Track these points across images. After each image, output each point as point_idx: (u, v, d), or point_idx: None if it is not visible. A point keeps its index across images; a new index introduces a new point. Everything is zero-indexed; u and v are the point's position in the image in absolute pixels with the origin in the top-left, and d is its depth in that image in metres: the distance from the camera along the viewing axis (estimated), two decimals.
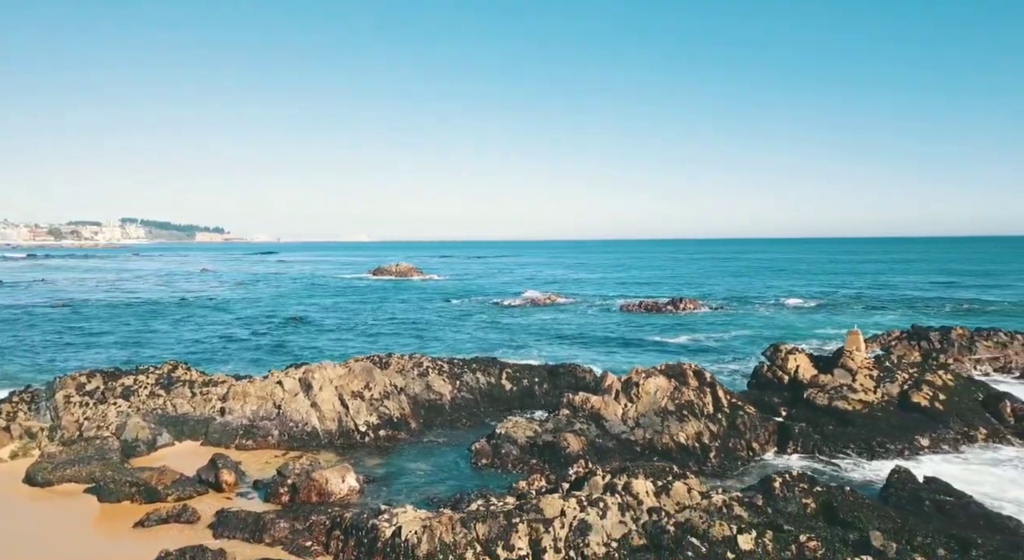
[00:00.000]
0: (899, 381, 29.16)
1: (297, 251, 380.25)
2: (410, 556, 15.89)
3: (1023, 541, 15.98)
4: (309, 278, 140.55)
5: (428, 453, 25.43)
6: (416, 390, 30.31)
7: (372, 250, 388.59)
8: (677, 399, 25.93)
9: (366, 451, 25.57)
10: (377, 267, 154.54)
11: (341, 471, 21.11)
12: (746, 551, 15.45)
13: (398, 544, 16.26)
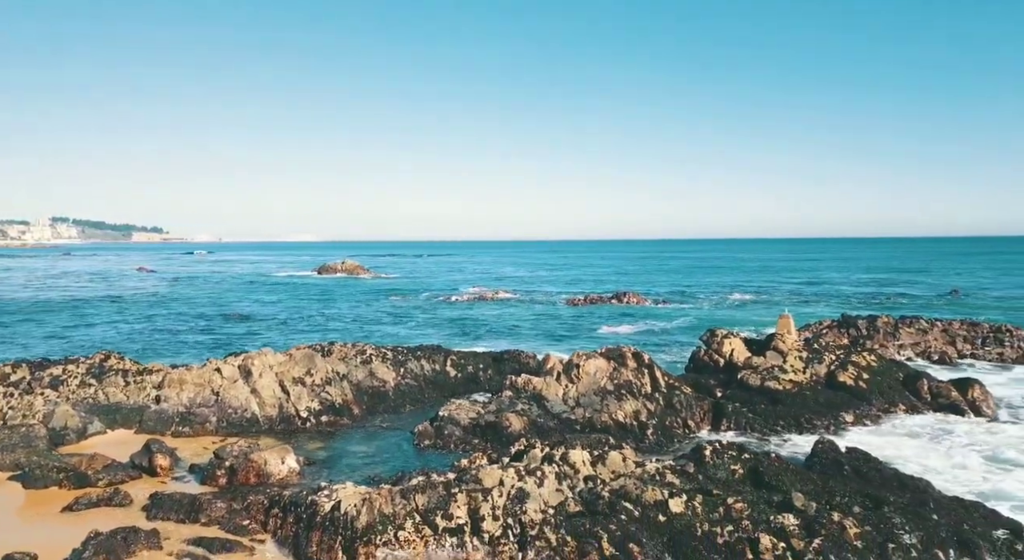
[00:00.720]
0: (826, 362, 30.55)
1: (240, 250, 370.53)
2: (349, 528, 15.93)
3: (929, 498, 17.07)
4: (252, 276, 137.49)
5: (371, 437, 25.41)
6: (359, 377, 30.17)
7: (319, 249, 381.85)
8: (616, 379, 26.59)
9: (307, 436, 25.38)
10: (323, 265, 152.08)
11: (281, 453, 20.93)
12: (677, 514, 16.08)
13: (337, 517, 16.28)
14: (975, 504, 16.96)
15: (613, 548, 15.05)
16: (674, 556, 15.19)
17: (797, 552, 14.64)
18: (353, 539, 15.70)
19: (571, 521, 15.89)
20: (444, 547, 15.46)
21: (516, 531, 15.73)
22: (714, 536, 15.35)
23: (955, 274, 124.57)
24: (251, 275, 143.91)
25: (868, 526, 15.34)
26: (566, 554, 15.10)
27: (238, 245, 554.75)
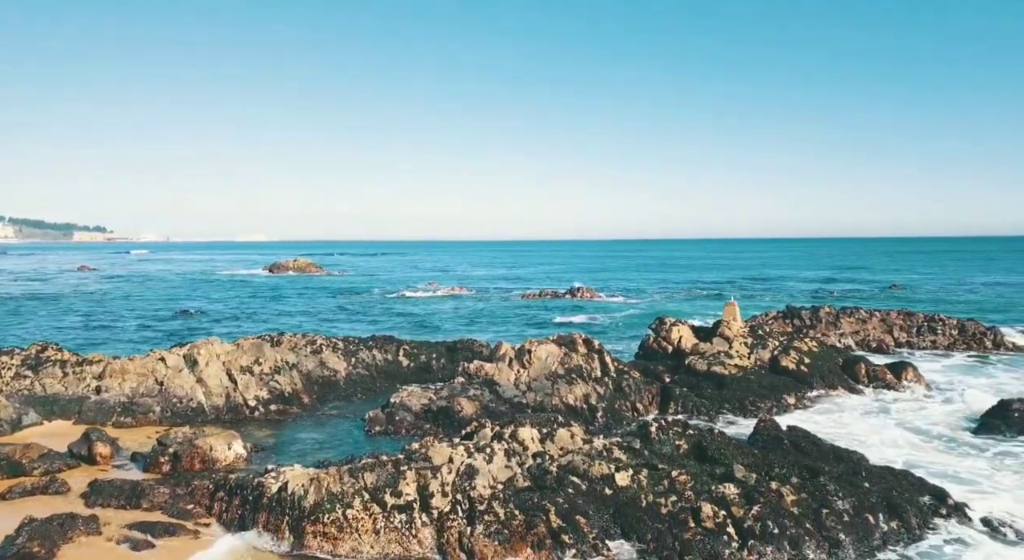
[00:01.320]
0: (770, 348, 31.51)
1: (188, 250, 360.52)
2: (296, 508, 15.80)
3: (862, 468, 17.83)
4: (199, 274, 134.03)
5: (321, 424, 25.16)
6: (309, 367, 29.82)
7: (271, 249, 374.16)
8: (567, 364, 26.94)
9: (256, 425, 24.99)
10: (274, 263, 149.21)
11: (227, 438, 20.58)
12: (623, 487, 16.44)
13: (284, 498, 16.13)
14: (904, 473, 17.80)
15: (560, 520, 15.30)
16: (620, 527, 15.53)
17: (737, 519, 15.14)
18: (300, 518, 15.58)
19: (520, 496, 16.09)
20: (393, 524, 15.47)
21: (465, 507, 15.83)
22: (658, 507, 15.74)
23: (894, 271, 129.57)
24: (198, 273, 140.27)
25: (804, 494, 15.96)
26: (514, 528, 15.27)
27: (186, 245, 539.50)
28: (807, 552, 14.59)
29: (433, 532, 15.52)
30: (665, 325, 33.88)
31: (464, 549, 15.09)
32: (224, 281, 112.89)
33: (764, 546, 14.59)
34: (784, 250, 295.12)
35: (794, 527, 14.94)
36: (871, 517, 15.49)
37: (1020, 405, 24.50)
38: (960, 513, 16.42)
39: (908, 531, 15.51)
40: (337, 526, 15.35)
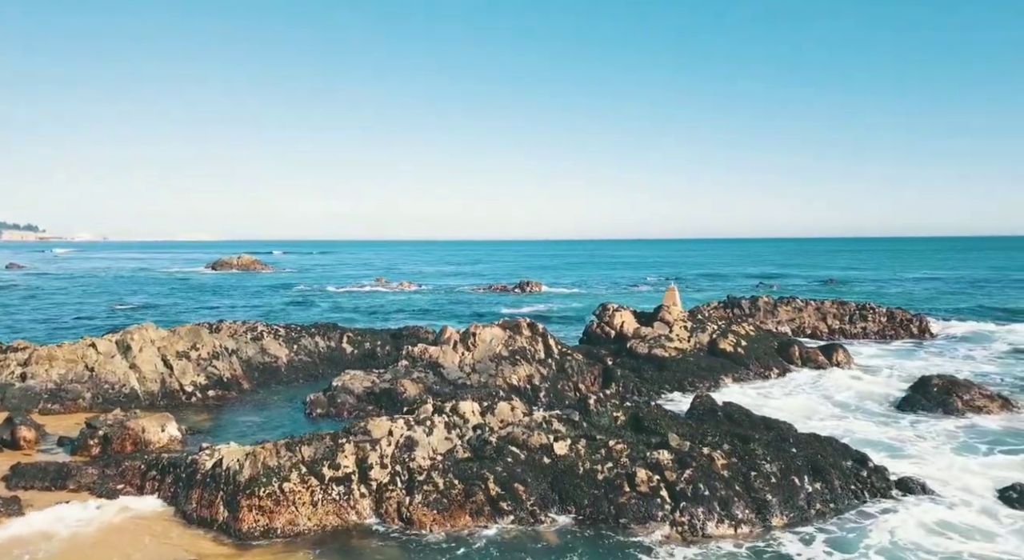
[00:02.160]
0: (709, 331, 32.38)
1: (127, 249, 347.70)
2: (231, 483, 15.55)
3: (790, 435, 18.53)
4: (139, 272, 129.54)
5: (261, 408, 24.73)
6: (249, 353, 29.26)
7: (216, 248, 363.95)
8: (511, 346, 27.15)
9: (193, 410, 24.40)
10: (217, 260, 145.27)
11: (161, 420, 20.06)
12: (561, 455, 16.71)
13: (219, 474, 15.85)
14: (829, 439, 18.59)
15: (499, 488, 15.47)
16: (557, 493, 15.79)
17: (670, 483, 15.58)
18: (235, 493, 15.33)
19: (459, 466, 16.19)
20: (331, 496, 15.38)
21: (404, 477, 15.86)
22: (595, 473, 16.07)
23: (834, 267, 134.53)
24: (136, 271, 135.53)
25: (734, 458, 16.52)
26: (453, 496, 15.38)
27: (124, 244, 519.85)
28: (736, 512, 15.13)
29: (372, 502, 15.51)
30: (608, 311, 34.46)
31: (403, 518, 15.13)
32: (164, 278, 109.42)
33: (695, 507, 15.07)
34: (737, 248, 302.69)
35: (724, 489, 15.47)
36: (797, 479, 16.14)
37: (939, 381, 25.82)
38: (879, 475, 17.25)
39: (831, 492, 16.21)
40: (273, 499, 15.16)
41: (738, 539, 14.47)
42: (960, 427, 22.27)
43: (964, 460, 19.11)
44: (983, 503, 16.14)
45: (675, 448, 16.91)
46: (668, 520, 14.94)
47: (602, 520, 15.11)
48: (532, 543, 14.27)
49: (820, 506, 15.82)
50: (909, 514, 15.43)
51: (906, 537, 14.33)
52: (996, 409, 23.89)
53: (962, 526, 14.87)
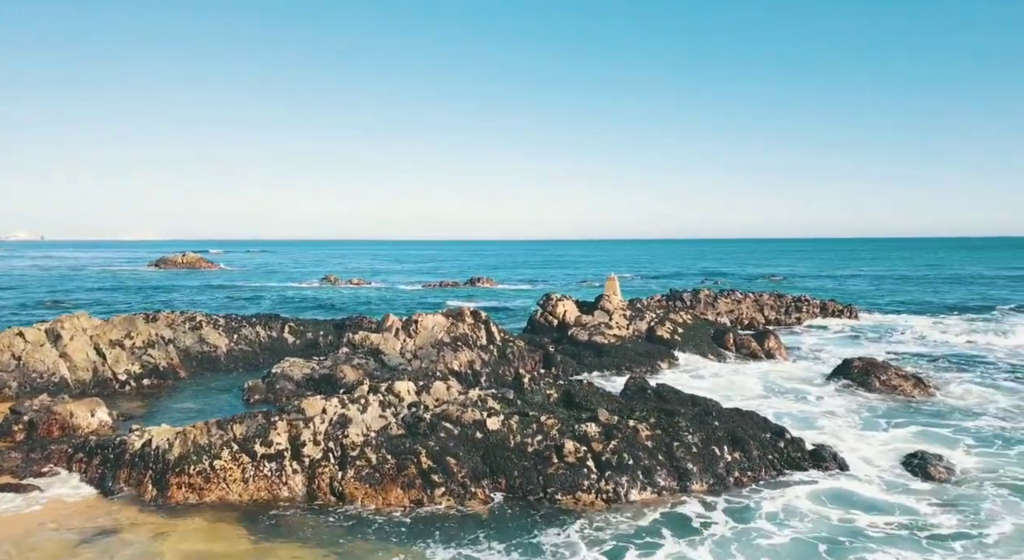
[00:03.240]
0: (647, 319, 33.32)
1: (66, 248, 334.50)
2: (160, 461, 15.50)
3: (713, 410, 19.35)
4: (79, 270, 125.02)
5: (198, 395, 24.47)
6: (187, 343, 28.84)
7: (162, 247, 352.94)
8: (453, 333, 27.48)
9: (126, 397, 23.99)
10: (160, 258, 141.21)
11: (90, 405, 19.73)
12: (493, 430, 17.12)
13: (148, 453, 15.78)
14: (750, 413, 19.48)
15: (431, 462, 15.80)
16: (489, 466, 16.19)
17: (596, 453, 16.16)
18: (164, 470, 15.30)
19: (392, 442, 16.45)
20: (262, 472, 15.47)
21: (337, 454, 16.05)
22: (525, 446, 16.54)
23: (780, 265, 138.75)
24: (76, 269, 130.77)
25: (659, 431, 17.21)
26: (385, 470, 15.64)
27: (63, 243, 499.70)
28: (658, 480, 15.80)
29: (304, 478, 15.65)
30: (551, 301, 35.10)
31: (335, 493, 15.32)
32: (104, 276, 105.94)
33: (620, 476, 15.68)
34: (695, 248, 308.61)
35: (648, 458, 16.13)
36: (717, 449, 16.92)
37: (859, 363, 27.21)
38: (795, 446, 18.18)
39: (749, 460, 17.04)
40: (203, 476, 15.18)
41: (660, 505, 15.11)
42: (875, 404, 23.56)
43: (876, 433, 20.28)
44: (889, 470, 17.21)
45: (603, 422, 17.51)
46: (594, 489, 15.50)
47: (531, 491, 15.58)
48: (462, 515, 14.63)
49: (738, 474, 16.62)
50: (819, 481, 16.36)
51: (809, 502, 15.23)
52: (910, 388, 25.31)
53: (865, 492, 15.86)
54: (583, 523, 14.15)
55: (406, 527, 14.01)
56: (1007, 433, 20.02)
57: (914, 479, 16.68)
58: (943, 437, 19.75)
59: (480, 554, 12.76)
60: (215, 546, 13.11)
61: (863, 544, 13.08)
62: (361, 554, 12.78)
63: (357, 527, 14.00)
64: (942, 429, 20.49)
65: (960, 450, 18.71)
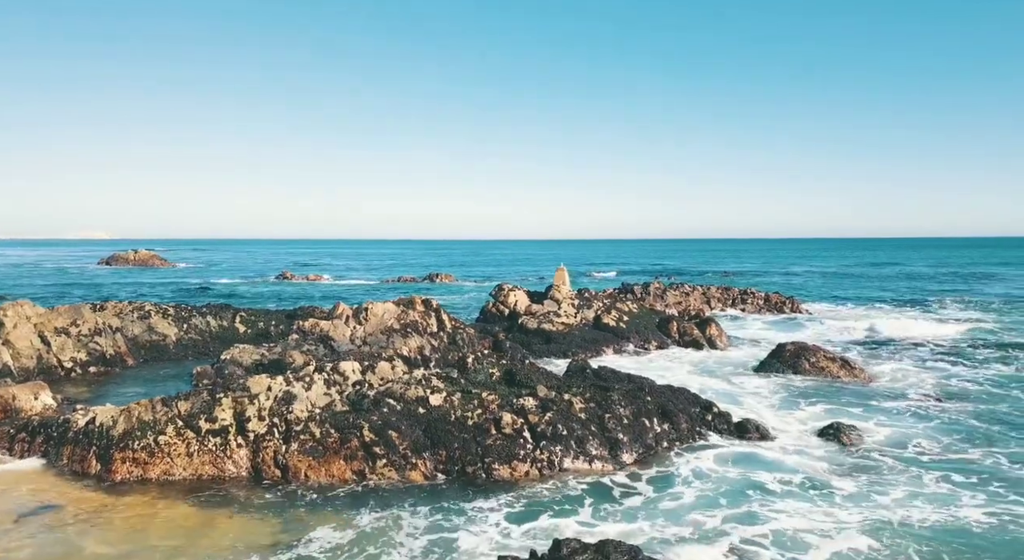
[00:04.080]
0: (595, 308, 34.36)
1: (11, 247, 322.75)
2: (104, 438, 15.78)
3: (647, 387, 20.38)
4: (26, 267, 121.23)
5: (146, 382, 24.55)
6: (136, 331, 28.79)
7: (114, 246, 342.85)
8: (403, 320, 28.05)
9: (72, 383, 23.96)
10: (112, 255, 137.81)
11: (33, 389, 19.76)
12: (436, 406, 17.79)
13: (92, 430, 16.04)
14: (681, 389, 20.57)
15: (373, 435, 16.40)
16: (430, 439, 16.86)
17: (532, 425, 16.97)
18: (108, 447, 15.59)
19: (336, 417, 16.99)
20: (207, 447, 15.87)
21: (282, 429, 16.52)
22: (466, 420, 17.25)
23: (732, 262, 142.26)
24: (19, 266, 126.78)
25: (592, 404, 18.12)
26: (329, 444, 16.18)
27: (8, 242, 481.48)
28: (590, 449, 16.69)
29: (248, 453, 16.09)
30: (503, 291, 35.88)
31: (279, 466, 15.81)
32: (50, 273, 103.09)
33: (554, 446, 16.52)
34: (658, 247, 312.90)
35: (581, 429, 17.01)
36: (647, 421, 17.91)
37: (792, 346, 28.64)
38: (722, 419, 19.31)
39: (677, 431, 18.07)
40: (148, 452, 15.53)
41: (589, 473, 15.99)
42: (801, 385, 24.94)
43: (797, 411, 21.55)
44: (804, 440, 18.44)
45: (541, 397, 18.33)
46: (529, 458, 16.31)
47: (469, 461, 16.30)
48: (402, 485, 15.28)
49: (667, 443, 17.64)
50: (740, 448, 17.47)
51: (723, 466, 16.32)
52: (836, 369, 26.79)
53: (777, 456, 17.02)
54: (511, 488, 14.95)
55: (346, 496, 14.61)
56: (922, 411, 21.37)
57: (826, 446, 17.93)
58: (860, 414, 21.07)
59: (408, 518, 13.42)
60: (159, 518, 13.50)
61: (762, 497, 14.15)
62: (300, 522, 13.33)
63: (299, 498, 14.54)
64: (860, 407, 21.82)
65: (874, 423, 20.04)
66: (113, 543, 12.26)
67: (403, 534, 12.67)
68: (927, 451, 17.45)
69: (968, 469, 15.99)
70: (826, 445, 17.96)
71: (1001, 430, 19.21)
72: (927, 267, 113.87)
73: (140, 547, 12.11)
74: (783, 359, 28.03)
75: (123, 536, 12.57)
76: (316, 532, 12.69)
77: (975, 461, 16.61)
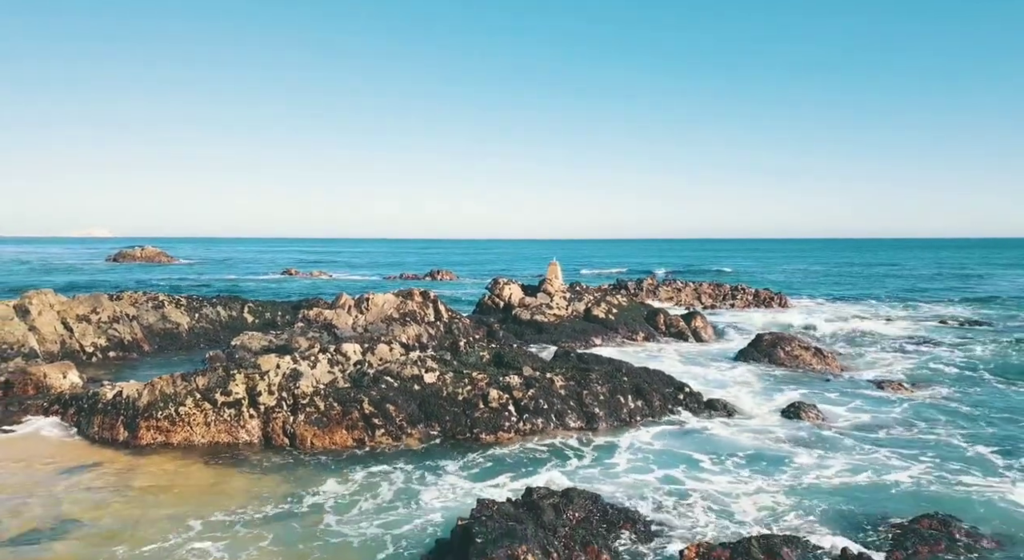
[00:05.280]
0: (585, 301, 36.07)
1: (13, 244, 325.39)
2: (131, 408, 17.54)
3: (624, 368, 22.06)
4: (30, 264, 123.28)
5: (162, 366, 26.29)
6: (151, 320, 30.57)
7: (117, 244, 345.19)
8: (402, 309, 29.80)
9: (94, 367, 25.72)
10: (118, 252, 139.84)
11: (62, 368, 21.55)
12: (430, 383, 19.55)
13: (119, 402, 17.80)
14: (656, 372, 22.26)
15: (373, 408, 18.15)
16: (424, 412, 18.61)
17: (517, 400, 18.71)
18: (135, 416, 17.35)
19: (339, 392, 18.74)
20: (223, 417, 17.62)
21: (289, 402, 18.27)
22: (456, 395, 19.00)
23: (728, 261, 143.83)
24: (26, 262, 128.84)
25: (572, 382, 19.84)
26: (332, 415, 17.93)
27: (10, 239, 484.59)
28: (569, 422, 18.43)
29: (260, 423, 17.85)
30: (498, 284, 37.61)
31: (287, 434, 17.56)
32: (61, 268, 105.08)
33: (535, 418, 18.26)
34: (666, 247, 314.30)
35: (560, 404, 18.74)
36: (622, 398, 19.62)
37: (769, 337, 30.31)
38: (693, 397, 21.00)
39: (650, 407, 19.78)
40: (170, 420, 17.29)
41: (567, 442, 17.69)
42: (774, 372, 26.61)
43: (770, 392, 23.21)
44: (768, 418, 20.10)
45: (526, 376, 20.06)
46: (513, 428, 18.05)
47: (459, 431, 18.04)
48: (398, 455, 17.01)
49: (640, 418, 19.36)
50: (705, 423, 19.17)
51: (687, 436, 18.03)
52: (809, 357, 28.45)
53: (739, 430, 18.72)
54: (494, 452, 16.69)
55: (347, 458, 16.36)
56: (889, 397, 22.66)
57: (786, 423, 19.58)
58: (827, 398, 22.57)
59: (390, 472, 15.22)
60: (181, 474, 15.26)
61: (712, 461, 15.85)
62: (305, 479, 15.05)
63: (304, 460, 16.28)
64: (834, 393, 23.19)
65: (839, 407, 21.50)
66: (143, 493, 14.01)
67: (395, 486, 14.41)
68: (885, 430, 18.92)
69: (915, 444, 17.56)
70: (786, 423, 19.62)
71: (963, 415, 20.57)
72: (920, 266, 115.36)
73: (166, 496, 13.86)
74: (760, 349, 29.67)
75: (151, 488, 14.33)
76: (321, 486, 14.44)
77: (926, 439, 18.14)
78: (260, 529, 12.32)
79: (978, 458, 16.36)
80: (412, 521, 12.68)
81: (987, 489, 14.31)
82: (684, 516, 13.01)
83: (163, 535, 12.01)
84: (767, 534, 11.44)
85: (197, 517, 12.72)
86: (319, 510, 13.25)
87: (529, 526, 10.87)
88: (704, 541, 11.31)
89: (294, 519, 12.83)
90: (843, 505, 13.48)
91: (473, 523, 10.79)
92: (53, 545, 11.82)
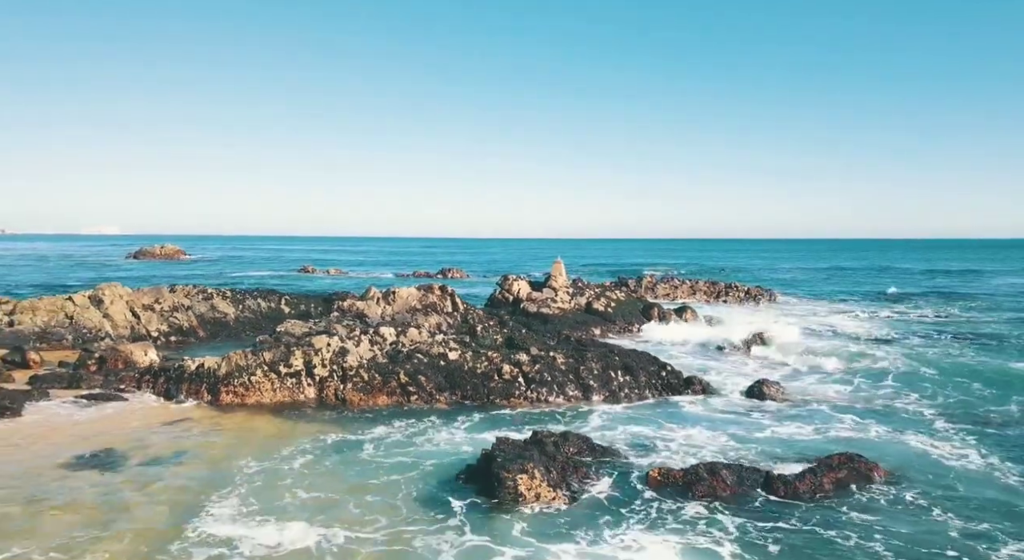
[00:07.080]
0: (587, 295, 39.99)
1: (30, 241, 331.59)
2: (212, 377, 21.60)
3: (615, 350, 25.96)
4: (54, 260, 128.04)
5: (217, 348, 30.36)
6: (202, 310, 34.68)
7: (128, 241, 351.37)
8: (424, 302, 33.80)
9: (160, 349, 29.79)
10: (139, 249, 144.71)
11: (143, 347, 25.64)
12: (453, 360, 23.52)
13: (202, 372, 21.86)
14: (643, 353, 26.15)
15: (407, 378, 22.14)
16: (449, 382, 22.57)
17: (525, 373, 22.65)
18: (216, 383, 21.40)
19: (379, 366, 22.75)
20: (286, 385, 21.65)
21: (339, 373, 22.28)
22: (476, 370, 22.97)
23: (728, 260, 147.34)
24: (43, 259, 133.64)
25: (571, 359, 23.77)
26: (375, 384, 21.93)
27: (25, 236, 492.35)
28: (568, 391, 22.37)
29: (316, 390, 21.86)
30: (508, 280, 41.57)
31: (338, 398, 21.56)
32: (91, 263, 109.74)
33: (540, 388, 22.20)
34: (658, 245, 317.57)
35: (561, 377, 22.68)
36: (613, 373, 23.53)
37: (752, 329, 34.15)
38: (674, 375, 24.86)
39: (636, 382, 23.67)
40: (244, 387, 21.33)
41: (567, 406, 21.63)
42: (753, 358, 30.44)
43: (744, 374, 27.04)
44: (737, 395, 23.89)
45: (533, 354, 24.01)
46: (523, 396, 22.00)
47: (478, 398, 22.00)
48: (430, 412, 20.98)
49: (627, 391, 23.26)
50: (682, 397, 23.04)
51: (664, 405, 21.92)
52: (785, 347, 32.26)
53: (707, 402, 22.60)
54: (506, 412, 20.65)
55: (389, 414, 20.35)
56: (856, 377, 26.35)
57: (751, 398, 23.37)
58: (798, 381, 26.32)
59: (425, 424, 19.22)
60: (256, 424, 19.28)
61: (679, 422, 19.74)
62: (356, 426, 19.00)
63: (353, 416, 20.27)
64: (806, 379, 26.93)
65: (807, 385, 25.25)
66: (229, 438, 18.02)
67: (431, 431, 18.39)
68: (840, 401, 22.66)
69: (867, 412, 21.23)
70: (752, 398, 23.40)
71: (922, 392, 23.94)
72: (912, 265, 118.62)
73: (250, 435, 17.89)
74: (748, 342, 33.52)
75: (234, 435, 18.33)
76: (370, 431, 18.43)
77: (877, 408, 21.77)
78: (324, 456, 16.33)
79: (888, 417, 20.18)
80: (446, 453, 16.66)
81: (890, 435, 18.19)
82: (655, 454, 16.94)
83: (257, 458, 16.02)
84: (712, 461, 15.36)
85: (276, 448, 16.73)
86: (370, 444, 17.26)
87: (535, 453, 14.83)
88: (664, 467, 15.23)
89: (350, 450, 16.83)
90: (780, 449, 17.37)
91: (495, 451, 14.75)
92: (173, 468, 15.83)
